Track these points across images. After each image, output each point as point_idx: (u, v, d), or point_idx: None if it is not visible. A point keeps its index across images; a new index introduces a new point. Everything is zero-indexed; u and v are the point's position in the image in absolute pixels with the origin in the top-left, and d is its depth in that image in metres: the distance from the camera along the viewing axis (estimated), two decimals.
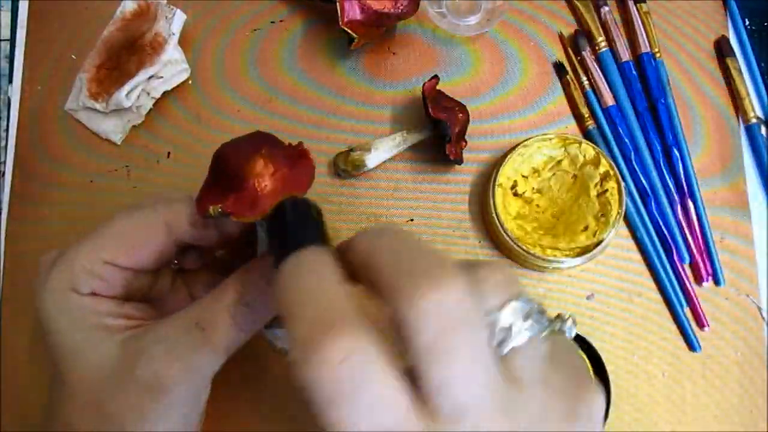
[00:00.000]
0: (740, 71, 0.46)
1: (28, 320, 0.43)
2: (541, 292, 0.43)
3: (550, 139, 0.42)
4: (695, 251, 0.43)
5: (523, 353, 0.19)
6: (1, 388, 0.41)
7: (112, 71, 0.44)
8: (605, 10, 0.46)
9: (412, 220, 0.44)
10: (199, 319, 0.25)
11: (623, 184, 0.41)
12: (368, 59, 0.47)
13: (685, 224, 0.44)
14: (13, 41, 0.47)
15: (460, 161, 0.43)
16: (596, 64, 0.46)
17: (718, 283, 0.43)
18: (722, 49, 0.46)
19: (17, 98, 0.46)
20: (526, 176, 0.42)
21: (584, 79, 0.46)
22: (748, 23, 0.48)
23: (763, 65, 0.47)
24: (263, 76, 0.46)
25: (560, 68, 0.46)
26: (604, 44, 0.46)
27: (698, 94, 0.46)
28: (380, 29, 0.44)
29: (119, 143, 0.45)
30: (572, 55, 0.46)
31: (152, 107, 0.45)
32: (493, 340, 0.19)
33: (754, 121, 0.45)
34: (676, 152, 0.44)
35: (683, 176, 0.44)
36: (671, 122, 0.45)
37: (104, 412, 0.25)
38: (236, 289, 0.26)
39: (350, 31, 0.42)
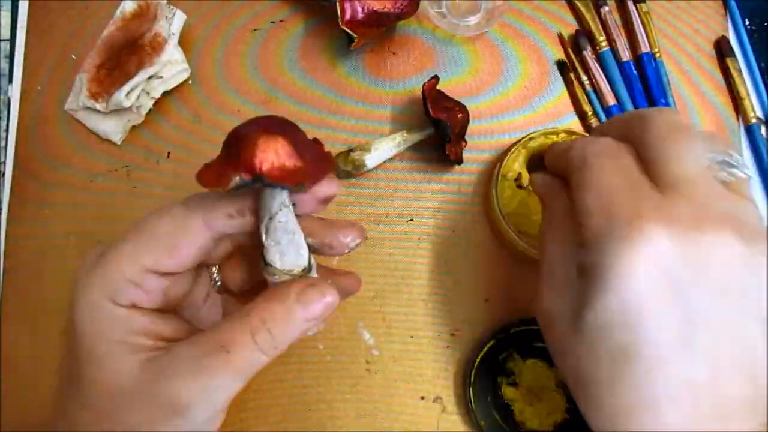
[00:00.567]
0: (740, 71, 0.46)
1: (28, 320, 0.43)
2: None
3: (556, 133, 0.42)
4: None
5: (743, 182, 0.27)
6: (1, 388, 0.41)
7: (112, 71, 0.44)
8: (605, 10, 0.46)
9: (412, 220, 0.44)
10: (223, 341, 0.25)
11: None
12: (368, 59, 0.47)
13: None
14: (13, 41, 0.47)
15: (460, 161, 0.43)
16: (597, 63, 0.46)
17: None
18: (722, 49, 0.46)
19: (17, 98, 0.46)
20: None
21: (585, 78, 0.46)
22: (748, 23, 0.48)
23: (763, 65, 0.47)
24: (263, 76, 0.46)
25: (563, 66, 0.46)
26: (604, 44, 0.46)
27: (698, 94, 0.46)
28: (380, 29, 0.44)
29: (119, 143, 0.45)
30: (572, 55, 0.46)
31: (152, 107, 0.45)
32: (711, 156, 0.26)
33: (754, 121, 0.45)
34: None
35: None
36: None
37: (117, 422, 0.25)
38: (259, 314, 0.25)
39: (350, 31, 0.42)
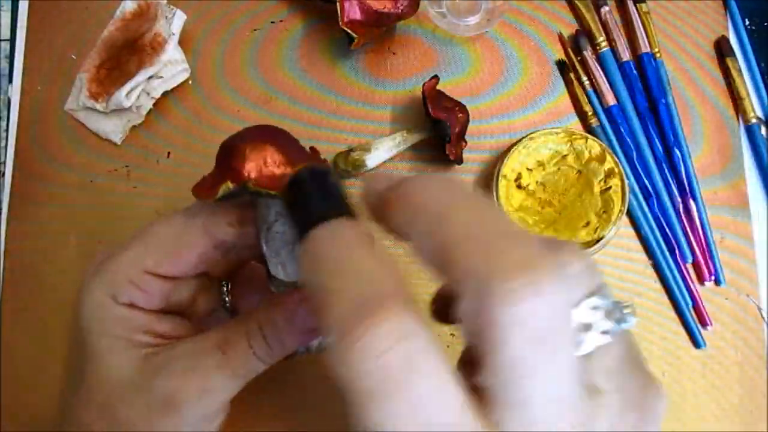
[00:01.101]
0: (740, 71, 0.46)
1: (28, 320, 0.43)
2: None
3: (557, 133, 0.42)
4: (697, 251, 0.43)
5: (601, 357, 0.17)
6: (1, 388, 0.41)
7: (112, 71, 0.44)
8: (605, 10, 0.46)
9: None
10: (221, 342, 0.25)
11: (627, 181, 0.41)
12: (368, 59, 0.47)
13: (687, 224, 0.44)
14: (13, 41, 0.47)
15: (460, 161, 0.43)
16: (597, 63, 0.46)
17: (718, 282, 0.43)
18: (722, 49, 0.46)
19: (17, 98, 0.46)
20: (530, 169, 0.42)
21: (585, 78, 0.46)
22: (748, 23, 0.48)
23: (763, 65, 0.47)
24: (263, 76, 0.46)
25: (563, 66, 0.46)
26: (604, 44, 0.46)
27: (698, 94, 0.46)
28: (380, 29, 0.44)
29: (119, 143, 0.45)
30: (572, 55, 0.46)
31: (152, 107, 0.45)
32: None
33: (754, 121, 0.45)
34: (677, 152, 0.44)
35: (684, 176, 0.44)
36: (672, 122, 0.45)
37: (116, 417, 0.26)
38: (258, 320, 0.26)
39: (350, 31, 0.42)
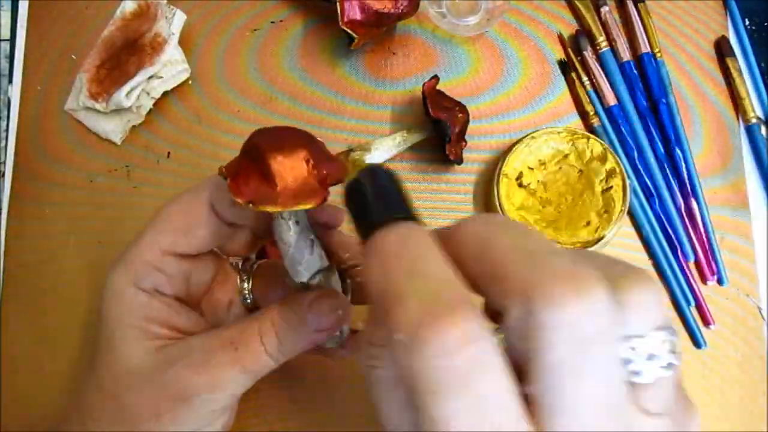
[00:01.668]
0: (740, 71, 0.46)
1: (28, 320, 0.43)
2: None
3: (558, 132, 0.42)
4: (699, 250, 0.43)
5: (658, 387, 0.17)
6: (1, 388, 0.41)
7: (112, 71, 0.44)
8: (605, 10, 0.46)
9: None
10: (233, 338, 0.26)
11: (628, 181, 0.41)
12: (368, 59, 0.47)
13: (688, 223, 0.44)
14: (13, 41, 0.47)
15: (460, 161, 0.43)
16: (597, 63, 0.46)
17: (721, 282, 0.43)
18: (722, 49, 0.46)
19: (17, 98, 0.46)
20: (532, 168, 0.42)
21: (585, 79, 0.46)
22: (748, 23, 0.48)
23: (763, 65, 0.47)
24: (263, 76, 0.46)
25: (564, 66, 0.46)
26: (604, 44, 0.46)
27: (698, 94, 0.46)
28: (380, 29, 0.44)
29: (119, 143, 0.45)
30: (572, 55, 0.46)
31: (152, 107, 0.45)
32: (626, 365, 0.17)
33: (754, 121, 0.45)
34: (678, 152, 0.44)
35: (686, 176, 0.44)
36: (673, 122, 0.45)
37: (122, 404, 0.26)
38: (272, 319, 0.26)
39: (350, 31, 0.42)
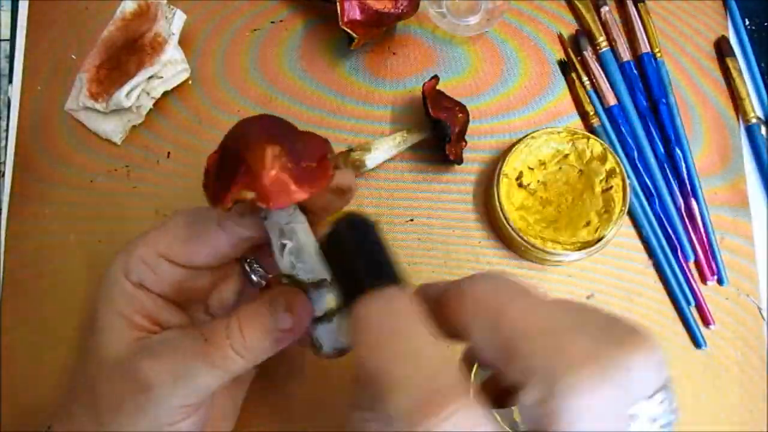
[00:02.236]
0: (740, 71, 0.46)
1: (28, 320, 0.43)
2: (541, 291, 0.43)
3: (558, 132, 0.42)
4: (699, 250, 0.43)
5: None
6: (1, 388, 0.41)
7: (112, 71, 0.44)
8: (605, 10, 0.46)
9: (412, 220, 0.44)
10: (207, 333, 0.26)
11: (629, 181, 0.41)
12: (368, 59, 0.47)
13: (688, 223, 0.44)
14: (13, 41, 0.47)
15: (460, 161, 0.43)
16: (597, 63, 0.46)
17: (721, 282, 0.43)
18: (722, 49, 0.46)
19: (17, 98, 0.46)
20: (532, 168, 0.42)
21: (585, 79, 0.46)
22: (748, 23, 0.48)
23: (763, 65, 0.47)
24: (263, 76, 0.46)
25: (565, 66, 0.46)
26: (604, 44, 0.46)
27: (698, 94, 0.46)
28: (380, 29, 0.44)
29: (119, 143, 0.45)
30: (572, 55, 0.46)
31: (152, 107, 0.45)
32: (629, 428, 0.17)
33: (754, 121, 0.45)
34: (678, 152, 0.44)
35: (686, 176, 0.44)
36: (673, 122, 0.45)
37: (95, 392, 0.26)
38: (238, 316, 0.26)
39: (350, 31, 0.42)
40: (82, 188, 0.45)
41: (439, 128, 0.41)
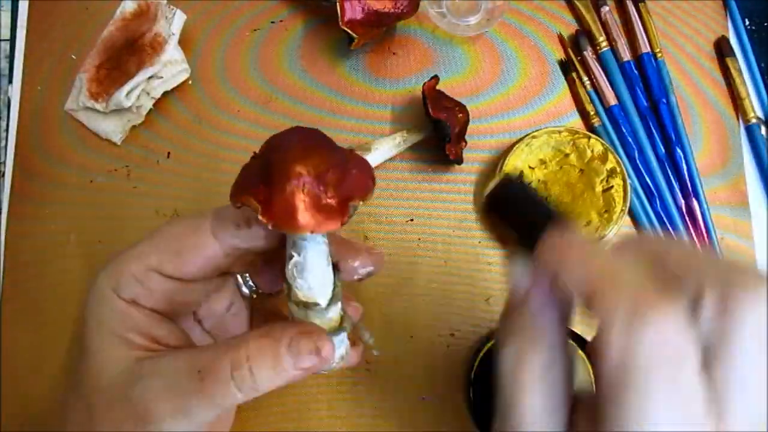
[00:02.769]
0: (740, 71, 0.46)
1: (28, 320, 0.43)
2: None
3: (559, 132, 0.42)
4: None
5: None
6: (1, 388, 0.41)
7: (112, 71, 0.44)
8: (605, 10, 0.46)
9: (412, 219, 0.44)
10: (201, 366, 0.24)
11: (629, 181, 0.41)
12: (368, 59, 0.47)
13: (689, 222, 0.44)
14: (13, 41, 0.47)
15: (460, 161, 0.43)
16: (597, 63, 0.46)
17: None
18: (722, 49, 0.46)
19: (17, 98, 0.46)
20: (533, 167, 0.42)
21: (585, 78, 0.46)
22: (748, 23, 0.48)
23: (763, 65, 0.47)
24: (263, 75, 0.46)
25: (565, 66, 0.46)
26: (605, 44, 0.46)
27: (698, 94, 0.46)
28: (380, 29, 0.44)
29: (119, 143, 0.45)
30: (572, 55, 0.46)
31: (152, 107, 0.45)
32: None
33: (754, 121, 0.45)
34: (679, 151, 0.44)
35: (687, 176, 0.44)
36: (674, 122, 0.45)
37: (92, 415, 0.25)
38: (248, 353, 0.24)
39: (350, 31, 0.42)
40: (82, 188, 0.45)
41: (439, 128, 0.41)
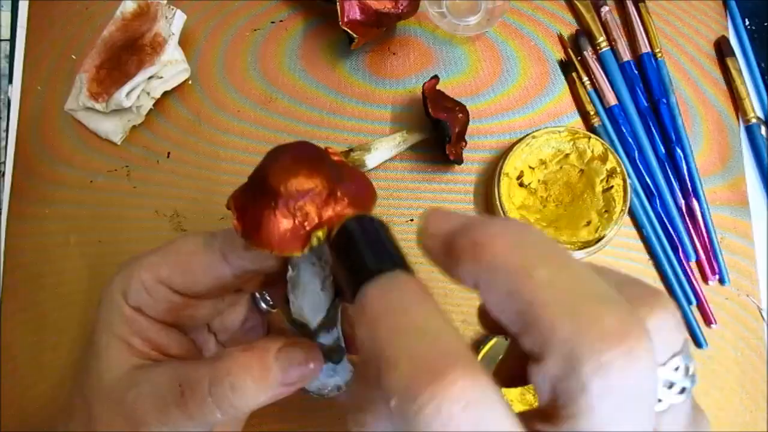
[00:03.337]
0: (740, 71, 0.46)
1: (28, 319, 0.43)
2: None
3: (559, 132, 0.42)
4: (700, 249, 0.43)
5: (675, 413, 0.16)
6: (1, 388, 0.41)
7: (112, 71, 0.44)
8: (605, 10, 0.46)
9: (412, 220, 0.44)
10: (182, 380, 0.24)
11: (629, 181, 0.41)
12: (368, 59, 0.47)
13: (689, 222, 0.44)
14: (13, 41, 0.47)
15: (460, 161, 0.43)
16: (597, 63, 0.46)
17: (723, 281, 0.43)
18: (722, 49, 0.46)
19: (17, 98, 0.46)
20: (533, 167, 0.42)
21: (585, 78, 0.46)
22: (748, 23, 0.48)
23: (763, 65, 0.47)
24: (263, 75, 0.46)
25: (565, 66, 0.46)
26: (605, 44, 0.46)
27: (698, 94, 0.46)
28: (380, 29, 0.44)
29: (119, 143, 0.45)
30: (572, 55, 0.46)
31: (152, 107, 0.45)
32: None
33: (754, 121, 0.45)
34: (679, 152, 0.44)
35: (687, 175, 0.44)
36: (674, 122, 0.45)
37: (90, 415, 0.26)
38: (228, 367, 0.23)
39: (350, 31, 0.42)
40: (82, 188, 0.45)
41: (439, 128, 0.41)
